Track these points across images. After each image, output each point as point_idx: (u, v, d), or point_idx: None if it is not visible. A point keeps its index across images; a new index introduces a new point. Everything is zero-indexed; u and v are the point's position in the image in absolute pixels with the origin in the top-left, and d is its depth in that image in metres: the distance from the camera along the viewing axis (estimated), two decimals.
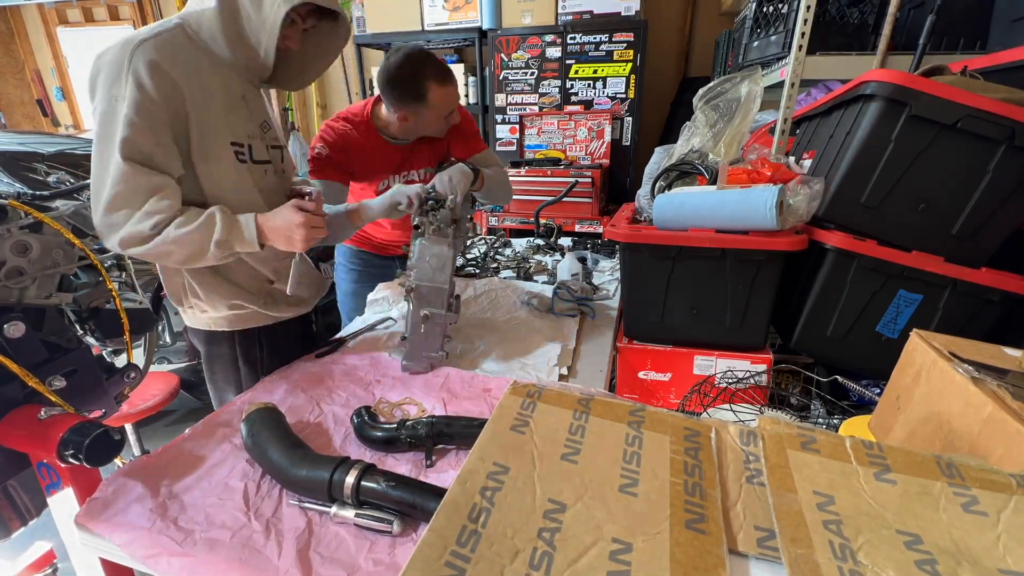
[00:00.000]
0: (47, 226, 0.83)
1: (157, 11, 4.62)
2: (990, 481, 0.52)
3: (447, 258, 1.15)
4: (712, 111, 1.53)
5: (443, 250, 1.15)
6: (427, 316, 1.13)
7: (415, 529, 0.69)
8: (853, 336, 1.24)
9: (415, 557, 0.46)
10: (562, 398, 0.68)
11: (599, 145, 3.17)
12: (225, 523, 0.70)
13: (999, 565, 0.45)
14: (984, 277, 1.11)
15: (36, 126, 5.22)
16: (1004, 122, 1.00)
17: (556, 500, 0.53)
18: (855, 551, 0.47)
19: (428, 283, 1.14)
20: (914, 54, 1.64)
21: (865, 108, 1.14)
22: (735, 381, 1.27)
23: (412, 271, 1.15)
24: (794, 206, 1.14)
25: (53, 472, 0.77)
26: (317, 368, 1.16)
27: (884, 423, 0.82)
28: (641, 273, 1.31)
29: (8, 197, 0.81)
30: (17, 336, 0.76)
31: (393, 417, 0.97)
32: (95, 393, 0.89)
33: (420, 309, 1.14)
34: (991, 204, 1.08)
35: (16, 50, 5.02)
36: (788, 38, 1.80)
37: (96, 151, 0.89)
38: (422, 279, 1.14)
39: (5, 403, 0.74)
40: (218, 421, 0.94)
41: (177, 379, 1.95)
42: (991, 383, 0.63)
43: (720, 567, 0.47)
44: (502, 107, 3.39)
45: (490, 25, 3.30)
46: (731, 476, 0.58)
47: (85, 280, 0.93)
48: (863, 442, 0.58)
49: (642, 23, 3.00)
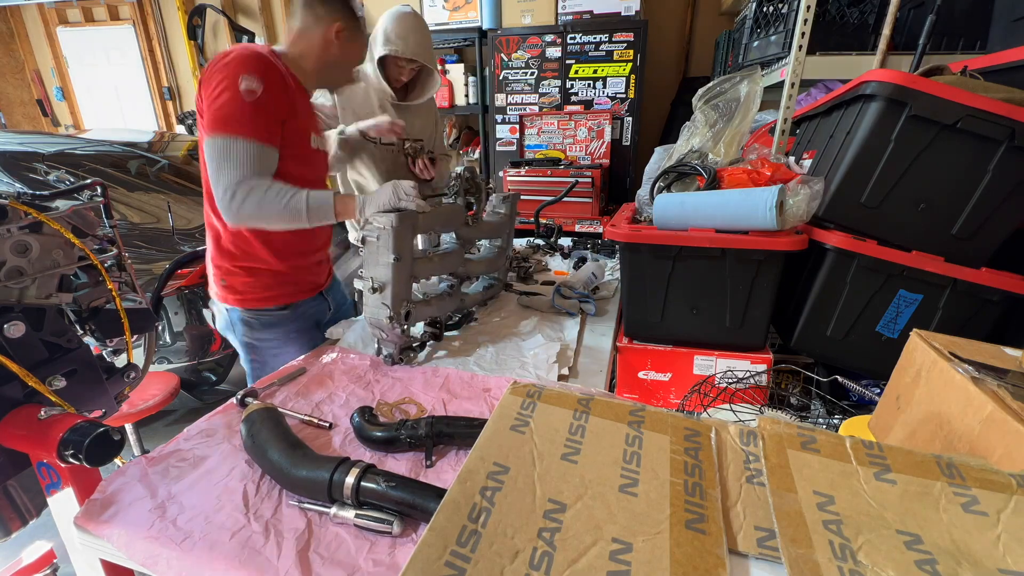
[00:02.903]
0: (47, 226, 0.83)
1: (157, 11, 4.62)
2: (990, 481, 0.52)
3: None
4: (712, 111, 1.53)
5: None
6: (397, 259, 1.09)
7: (415, 529, 0.69)
8: (853, 336, 1.24)
9: (415, 557, 0.46)
10: (562, 398, 0.68)
11: (599, 145, 3.18)
12: (225, 524, 0.70)
13: (999, 565, 0.45)
14: (984, 277, 1.11)
15: (36, 126, 5.22)
16: (1004, 122, 1.01)
17: (556, 500, 0.53)
18: (855, 551, 0.47)
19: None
20: (914, 54, 1.65)
21: (865, 108, 1.15)
22: (735, 381, 1.27)
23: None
24: (794, 206, 1.14)
25: (53, 472, 0.77)
26: (317, 369, 1.16)
27: (884, 423, 0.82)
28: (641, 273, 1.32)
29: (8, 197, 0.81)
30: (17, 336, 0.76)
31: (393, 417, 0.97)
32: (95, 393, 0.89)
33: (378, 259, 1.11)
34: (991, 204, 1.08)
35: (16, 50, 5.02)
36: (788, 38, 1.80)
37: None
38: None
39: (5, 403, 0.74)
40: (218, 421, 0.94)
41: (177, 379, 1.95)
42: (991, 383, 0.63)
43: (720, 567, 0.47)
44: (502, 107, 3.39)
45: (490, 25, 3.30)
46: (731, 476, 0.58)
47: (85, 280, 0.93)
48: (863, 442, 0.58)
49: (642, 23, 3.00)
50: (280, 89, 1.13)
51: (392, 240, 1.08)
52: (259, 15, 4.37)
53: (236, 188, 1.09)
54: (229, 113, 1.06)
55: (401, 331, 1.16)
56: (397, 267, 1.10)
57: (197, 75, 4.62)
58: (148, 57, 4.77)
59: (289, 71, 1.19)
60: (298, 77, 1.22)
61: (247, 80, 1.06)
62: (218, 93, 1.06)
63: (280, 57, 1.18)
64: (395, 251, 1.09)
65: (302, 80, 1.23)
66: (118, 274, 1.00)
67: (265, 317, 1.32)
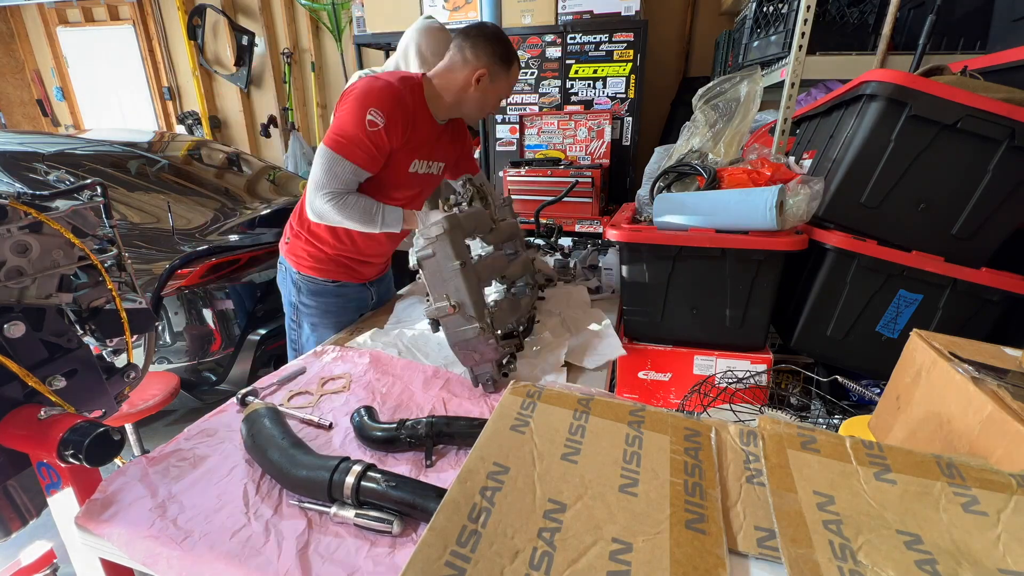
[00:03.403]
0: (47, 226, 0.83)
1: (157, 11, 4.62)
2: (990, 481, 0.52)
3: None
4: (712, 111, 1.53)
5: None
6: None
7: (415, 529, 0.69)
8: (853, 336, 1.24)
9: (415, 557, 0.46)
10: (562, 398, 0.68)
11: (599, 145, 3.18)
12: (225, 523, 0.70)
13: (999, 565, 0.45)
14: (984, 277, 1.11)
15: (36, 126, 5.22)
16: (1004, 122, 1.01)
17: (556, 500, 0.53)
18: (855, 551, 0.47)
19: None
20: (914, 54, 1.64)
21: (865, 108, 1.15)
22: (735, 381, 1.27)
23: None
24: (794, 206, 1.14)
25: (53, 472, 0.77)
26: (317, 368, 1.16)
27: (884, 423, 0.82)
28: (641, 273, 1.31)
29: (8, 197, 0.81)
30: (17, 336, 0.76)
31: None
32: (95, 393, 0.89)
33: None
34: (991, 204, 1.08)
35: (16, 50, 5.02)
36: (788, 38, 1.80)
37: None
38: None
39: (5, 403, 0.74)
40: (218, 421, 0.94)
41: (177, 379, 1.95)
42: (991, 383, 0.63)
43: (720, 567, 0.47)
44: (502, 107, 3.39)
45: None
46: (731, 476, 0.58)
47: (85, 280, 0.93)
48: (863, 442, 0.58)
49: (642, 23, 3.00)
50: (400, 125, 1.25)
51: (450, 246, 1.00)
52: (259, 15, 4.37)
53: (328, 195, 1.25)
54: (347, 136, 1.21)
55: (495, 340, 1.02)
56: (465, 272, 1.01)
57: (197, 75, 4.62)
58: (148, 57, 4.77)
59: (423, 103, 1.31)
60: (431, 108, 1.34)
61: (373, 114, 1.21)
62: (346, 112, 1.22)
63: (423, 85, 1.32)
64: (457, 256, 1.00)
65: (434, 112, 1.35)
66: (118, 274, 0.99)
67: (311, 284, 1.47)
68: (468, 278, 1.01)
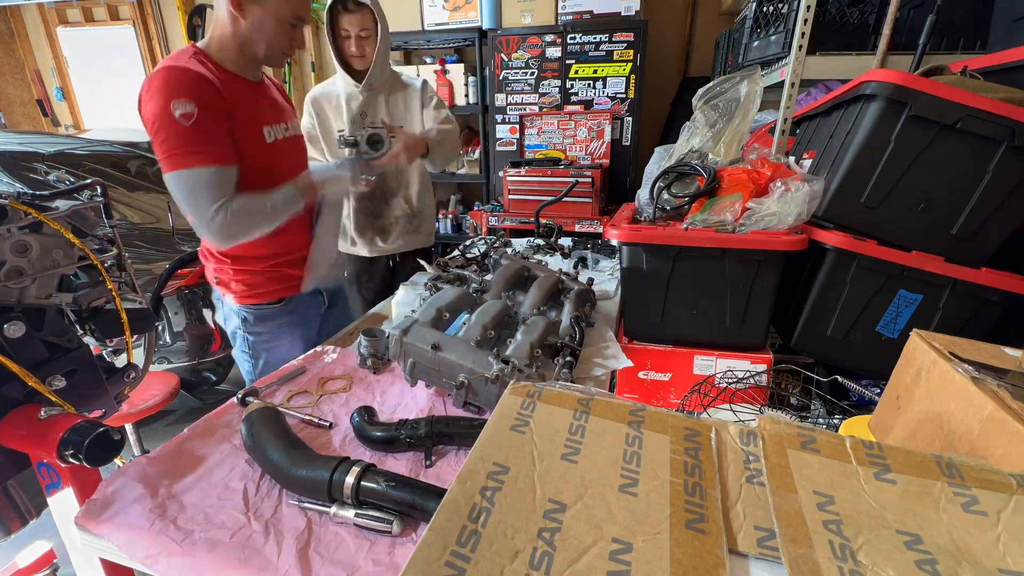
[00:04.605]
0: (47, 226, 0.83)
1: (157, 11, 4.62)
2: (990, 481, 0.52)
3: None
4: (712, 111, 1.53)
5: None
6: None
7: (415, 529, 0.69)
8: (853, 336, 1.24)
9: (415, 557, 0.46)
10: (562, 398, 0.68)
11: (599, 145, 3.18)
12: (225, 523, 0.70)
13: (999, 565, 0.45)
14: (984, 277, 1.11)
15: (36, 126, 5.22)
16: (1004, 122, 1.00)
17: (556, 500, 0.53)
18: (855, 551, 0.47)
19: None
20: (914, 54, 1.65)
21: (865, 108, 1.14)
22: (735, 381, 1.27)
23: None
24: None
25: (53, 472, 0.77)
26: (317, 368, 1.16)
27: (884, 423, 0.82)
28: (641, 273, 1.31)
29: (8, 197, 0.81)
30: (17, 336, 0.76)
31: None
32: (95, 393, 0.89)
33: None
34: (991, 204, 1.08)
35: (16, 50, 5.02)
36: (788, 38, 1.80)
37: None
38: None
39: (5, 403, 0.74)
40: (218, 421, 0.94)
41: (177, 379, 1.95)
42: (991, 383, 0.63)
43: (720, 567, 0.47)
44: (502, 107, 3.39)
45: (490, 25, 3.30)
46: (731, 476, 0.58)
47: (85, 280, 0.93)
48: (863, 442, 0.58)
49: (642, 23, 3.00)
50: (214, 98, 1.09)
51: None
52: None
53: (215, 215, 1.10)
54: (176, 147, 1.05)
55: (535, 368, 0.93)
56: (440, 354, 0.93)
57: None
58: (148, 57, 4.77)
59: (218, 68, 1.13)
60: (231, 70, 1.16)
61: (179, 105, 1.03)
62: (157, 127, 1.05)
63: (205, 54, 1.14)
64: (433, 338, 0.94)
65: (236, 72, 1.18)
66: (118, 274, 1.00)
67: (257, 311, 1.37)
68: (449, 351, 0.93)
